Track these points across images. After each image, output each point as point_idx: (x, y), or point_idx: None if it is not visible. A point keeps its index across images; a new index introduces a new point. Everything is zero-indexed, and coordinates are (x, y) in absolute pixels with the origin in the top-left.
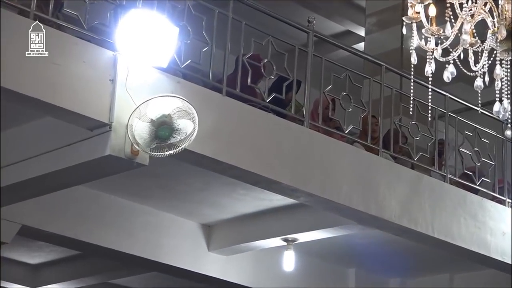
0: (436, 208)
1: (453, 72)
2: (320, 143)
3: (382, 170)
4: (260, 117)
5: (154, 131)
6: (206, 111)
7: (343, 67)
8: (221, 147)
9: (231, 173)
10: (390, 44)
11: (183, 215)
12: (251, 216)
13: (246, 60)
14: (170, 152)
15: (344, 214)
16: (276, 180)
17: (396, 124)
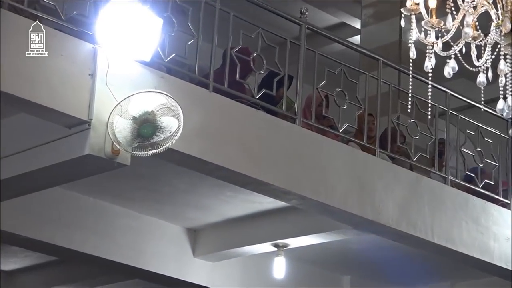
0: (436, 212)
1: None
2: (313, 142)
3: (379, 171)
4: (249, 114)
5: (136, 129)
6: (191, 108)
7: (337, 61)
8: (207, 146)
9: (218, 174)
10: (387, 37)
11: (167, 219)
12: (239, 220)
13: (235, 53)
14: (153, 152)
15: (339, 218)
16: (266, 181)
17: (394, 123)
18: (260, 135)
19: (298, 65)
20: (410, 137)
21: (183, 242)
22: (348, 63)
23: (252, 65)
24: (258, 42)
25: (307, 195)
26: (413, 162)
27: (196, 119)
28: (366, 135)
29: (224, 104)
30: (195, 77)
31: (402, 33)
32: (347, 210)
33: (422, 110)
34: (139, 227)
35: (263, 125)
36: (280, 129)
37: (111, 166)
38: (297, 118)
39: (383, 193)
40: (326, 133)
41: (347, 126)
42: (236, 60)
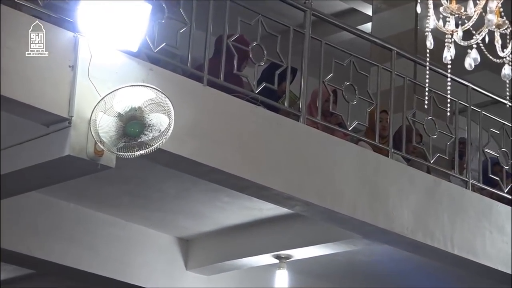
0: (457, 219)
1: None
2: (319, 142)
3: (392, 174)
4: (247, 111)
5: (122, 127)
6: (183, 103)
7: (346, 52)
8: (201, 146)
9: (213, 178)
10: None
11: (156, 227)
12: (236, 229)
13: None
14: (141, 152)
15: (347, 227)
16: (266, 185)
17: (409, 120)
18: (260, 134)
19: (303, 56)
20: (427, 136)
21: (174, 253)
22: (358, 54)
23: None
24: (257, 30)
25: (312, 200)
26: (430, 164)
27: (188, 116)
28: (378, 134)
29: (220, 99)
30: (188, 69)
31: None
32: (357, 217)
33: (441, 106)
34: (125, 236)
35: (263, 122)
36: (282, 127)
37: (94, 168)
38: (301, 115)
39: (396, 198)
40: (333, 131)
41: (357, 124)
42: (234, 50)
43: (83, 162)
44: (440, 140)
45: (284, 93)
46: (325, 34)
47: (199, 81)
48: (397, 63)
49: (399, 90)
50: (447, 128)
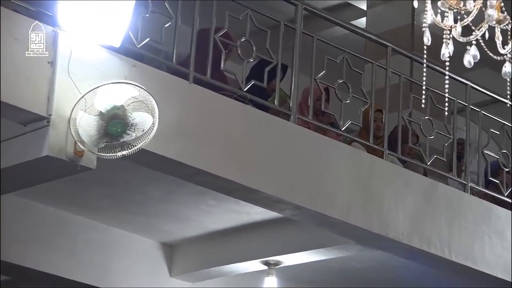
0: (454, 224)
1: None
2: (310, 142)
3: (387, 176)
4: (235, 110)
5: (103, 126)
6: (168, 102)
7: (339, 48)
8: (187, 147)
9: (199, 180)
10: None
11: (139, 232)
12: (223, 234)
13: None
14: (123, 153)
15: (340, 232)
16: (255, 188)
17: (405, 120)
18: (248, 134)
19: (293, 52)
20: (424, 136)
21: (158, 259)
22: (351, 50)
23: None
24: (246, 25)
25: (303, 204)
26: (427, 166)
27: (173, 115)
28: (372, 134)
29: (207, 98)
30: (173, 66)
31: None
32: (350, 222)
33: (438, 105)
34: (107, 241)
35: (252, 122)
36: (272, 127)
37: (74, 169)
38: (292, 114)
39: (392, 202)
40: (325, 131)
41: (350, 123)
42: (221, 46)
43: (62, 163)
44: (437, 141)
45: (274, 91)
46: (317, 30)
47: (185, 79)
48: (393, 60)
49: (395, 88)
50: (445, 129)
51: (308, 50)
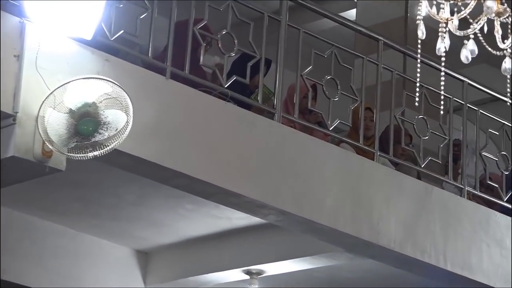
0: (450, 231)
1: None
2: (296, 143)
3: (378, 180)
4: (216, 108)
5: (73, 125)
6: (144, 98)
7: (327, 42)
8: (163, 147)
9: (176, 182)
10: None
11: (111, 238)
12: (202, 240)
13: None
14: (95, 154)
15: (328, 239)
16: (236, 192)
17: (397, 119)
18: (229, 133)
19: (278, 46)
20: (418, 137)
21: (132, 268)
22: (340, 44)
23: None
24: (228, 17)
25: (288, 209)
26: (421, 169)
27: (149, 112)
28: (362, 134)
29: (185, 95)
30: (149, 60)
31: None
32: (338, 228)
33: (433, 103)
34: (76, 248)
35: (233, 121)
36: (254, 126)
37: (42, 171)
38: (276, 112)
39: (383, 207)
40: (312, 131)
41: (338, 123)
42: (200, 39)
43: (29, 164)
44: (432, 142)
45: (257, 88)
46: (304, 22)
47: (161, 74)
48: (385, 55)
49: (387, 85)
50: (440, 129)
51: (294, 44)
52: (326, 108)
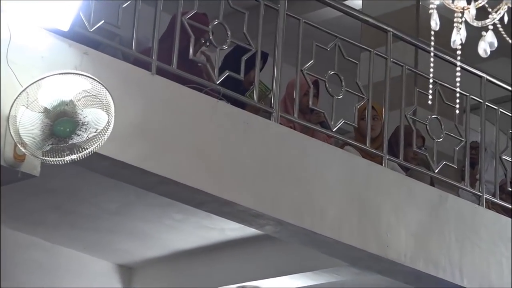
0: (467, 243)
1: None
2: (295, 145)
3: (387, 186)
4: (207, 106)
5: (49, 125)
6: (127, 96)
7: (330, 33)
8: (148, 150)
9: (163, 190)
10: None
11: (91, 252)
12: (191, 254)
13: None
14: (73, 157)
15: (331, 252)
16: (229, 200)
17: (408, 119)
18: (222, 135)
19: (276, 38)
20: (431, 139)
21: (114, 284)
22: (345, 36)
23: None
24: (220, 6)
25: (287, 219)
26: (434, 175)
27: (133, 112)
28: (369, 136)
29: (172, 92)
30: (132, 54)
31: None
32: (342, 240)
33: (448, 102)
34: (51, 262)
35: (226, 121)
36: (250, 127)
37: (13, 177)
38: (273, 112)
39: (392, 217)
40: (314, 132)
41: (343, 123)
42: (189, 31)
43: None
44: (447, 145)
45: (252, 85)
46: (304, 11)
47: (146, 69)
48: (394, 48)
49: (396, 82)
50: (456, 130)
51: (294, 36)
52: (329, 107)
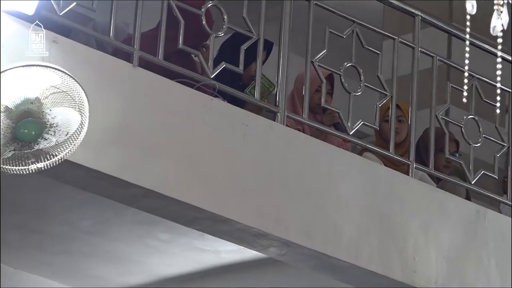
0: (509, 268)
1: None
2: (305, 151)
3: (414, 200)
4: (199, 105)
5: (10, 127)
6: (104, 93)
7: (347, 18)
8: (130, 158)
9: (146, 204)
10: None
11: (60, 278)
12: (181, 281)
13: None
14: (39, 166)
15: (347, 279)
16: (226, 216)
17: (439, 120)
18: (217, 139)
19: (281, 24)
20: (467, 144)
21: None
22: (364, 21)
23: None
24: None
25: (295, 239)
26: (471, 186)
27: (111, 112)
28: (393, 140)
29: (157, 88)
30: (110, 43)
31: None
32: (361, 265)
33: (487, 99)
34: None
35: (222, 122)
36: (250, 130)
37: None
38: (279, 111)
39: (420, 237)
40: (327, 136)
41: (361, 124)
42: (179, 16)
43: None
44: (486, 151)
45: (253, 79)
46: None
47: (127, 61)
48: (423, 35)
49: (426, 75)
50: (497, 133)
51: (303, 22)
52: (345, 106)
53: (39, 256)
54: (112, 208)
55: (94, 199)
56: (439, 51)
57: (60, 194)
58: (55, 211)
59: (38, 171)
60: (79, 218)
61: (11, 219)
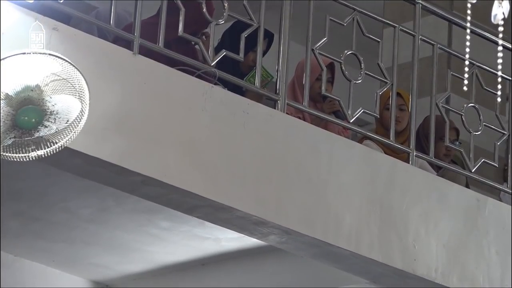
0: (509, 256)
1: None
2: (305, 139)
3: (414, 188)
4: (199, 93)
5: (11, 115)
6: (105, 81)
7: (347, 5)
8: (130, 145)
9: (147, 192)
10: None
11: (60, 266)
12: (181, 269)
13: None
14: (39, 153)
15: (348, 267)
16: (227, 204)
17: (440, 108)
18: (217, 127)
19: (282, 12)
20: (468, 132)
21: None
22: (365, 9)
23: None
24: None
25: (295, 227)
26: (471, 175)
27: (111, 99)
28: (393, 128)
29: (158, 76)
30: (111, 30)
31: None
32: (361, 253)
33: (487, 87)
34: (14, 278)
35: (222, 110)
36: (250, 118)
37: None
38: (279, 99)
39: (421, 225)
40: (327, 124)
41: (362, 112)
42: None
43: None
44: (486, 139)
45: (253, 67)
46: None
47: (127, 48)
48: (424, 23)
49: (426, 64)
50: (497, 121)
51: (303, 9)
52: (345, 94)
53: (39, 243)
54: (113, 196)
55: (94, 186)
56: (439, 39)
57: (60, 181)
58: (55, 198)
59: (38, 158)
60: (79, 206)
61: (11, 207)
